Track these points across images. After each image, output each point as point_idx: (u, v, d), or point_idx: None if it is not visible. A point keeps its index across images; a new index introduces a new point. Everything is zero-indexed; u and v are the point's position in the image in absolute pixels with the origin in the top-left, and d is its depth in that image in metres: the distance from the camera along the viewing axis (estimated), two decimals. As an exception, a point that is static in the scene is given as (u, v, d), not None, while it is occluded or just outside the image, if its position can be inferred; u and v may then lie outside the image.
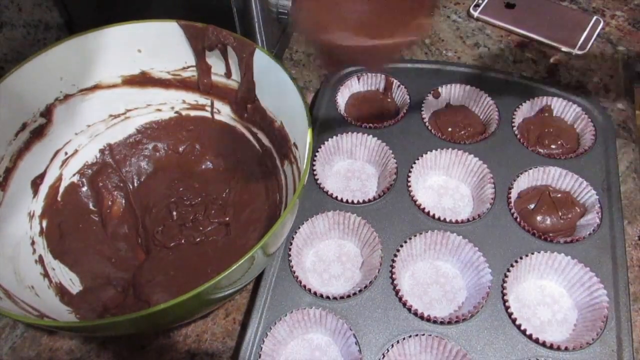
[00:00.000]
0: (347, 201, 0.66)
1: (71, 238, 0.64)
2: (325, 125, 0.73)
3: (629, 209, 0.68)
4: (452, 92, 0.77)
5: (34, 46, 0.78)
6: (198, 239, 0.65)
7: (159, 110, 0.69)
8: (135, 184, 0.70)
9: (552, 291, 0.61)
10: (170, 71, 0.66)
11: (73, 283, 0.62)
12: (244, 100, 0.65)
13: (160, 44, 0.63)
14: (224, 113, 0.68)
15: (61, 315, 0.57)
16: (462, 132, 0.73)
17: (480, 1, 0.91)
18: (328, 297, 0.59)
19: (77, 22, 0.82)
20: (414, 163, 0.68)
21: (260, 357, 0.56)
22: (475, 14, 0.89)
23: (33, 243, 0.61)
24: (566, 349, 0.55)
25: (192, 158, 0.71)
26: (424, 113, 0.74)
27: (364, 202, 0.66)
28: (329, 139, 0.70)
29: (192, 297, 0.44)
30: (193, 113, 0.69)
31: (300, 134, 0.56)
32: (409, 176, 0.68)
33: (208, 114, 0.69)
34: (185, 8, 0.72)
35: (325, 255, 0.65)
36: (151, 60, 0.65)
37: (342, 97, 0.77)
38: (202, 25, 0.61)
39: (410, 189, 0.67)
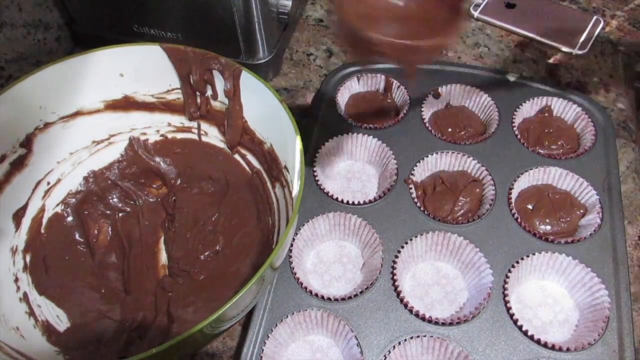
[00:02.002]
0: (347, 202, 0.66)
1: (57, 272, 0.62)
2: (325, 126, 0.73)
3: (629, 209, 0.68)
4: (452, 93, 0.77)
5: (34, 46, 0.78)
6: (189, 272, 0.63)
7: (144, 134, 0.67)
8: (121, 213, 0.68)
9: (553, 292, 0.61)
10: (154, 94, 0.64)
11: (60, 320, 0.59)
12: (232, 138, 0.64)
13: (143, 67, 0.61)
14: (212, 135, 0.67)
15: (49, 357, 0.55)
16: (462, 133, 0.73)
17: (480, 1, 0.90)
18: (329, 299, 0.59)
19: (77, 22, 0.82)
20: (415, 166, 0.68)
21: (261, 359, 0.56)
22: (475, 14, 0.89)
23: (17, 280, 0.59)
24: (568, 349, 0.55)
25: (179, 182, 0.69)
26: (424, 113, 0.74)
27: (364, 203, 0.66)
28: (329, 140, 0.70)
29: (197, 332, 0.42)
30: (179, 136, 0.67)
31: (291, 157, 0.54)
32: (409, 177, 0.68)
33: (195, 136, 0.67)
34: (185, 8, 0.72)
35: (326, 256, 0.65)
36: (134, 84, 0.63)
37: (342, 98, 0.77)
38: (184, 48, 0.59)
39: (410, 190, 0.67)
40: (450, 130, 0.74)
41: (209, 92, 0.62)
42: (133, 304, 0.61)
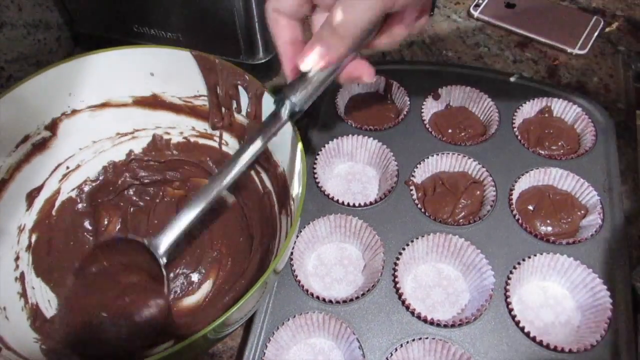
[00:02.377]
0: (348, 204, 0.66)
1: (59, 255, 0.63)
2: (325, 127, 0.73)
3: (630, 209, 0.68)
4: (452, 94, 0.76)
5: (34, 46, 0.77)
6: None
7: (168, 133, 0.68)
8: (134, 207, 0.68)
9: (555, 293, 0.61)
10: (182, 97, 0.64)
11: (50, 305, 0.60)
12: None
13: (174, 70, 0.61)
14: (232, 146, 0.66)
15: (26, 345, 0.55)
16: (463, 134, 0.73)
17: (480, 1, 0.90)
18: (330, 301, 0.59)
19: (77, 22, 0.82)
20: (416, 167, 0.68)
21: (263, 362, 0.56)
22: (476, 14, 0.89)
23: (17, 259, 0.59)
24: (570, 351, 0.55)
25: (194, 188, 0.70)
26: (424, 115, 0.74)
27: (365, 205, 0.66)
28: (329, 142, 0.70)
29: (200, 338, 0.42)
30: (201, 141, 0.67)
31: (297, 194, 0.54)
32: (410, 179, 0.68)
33: (216, 144, 0.67)
34: (185, 8, 0.71)
35: (327, 258, 0.65)
36: (163, 85, 0.63)
37: (342, 99, 0.77)
38: (213, 58, 0.59)
39: (411, 191, 0.67)
40: (450, 131, 0.74)
41: (234, 105, 0.62)
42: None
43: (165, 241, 0.54)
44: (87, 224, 0.66)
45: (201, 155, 0.68)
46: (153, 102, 0.64)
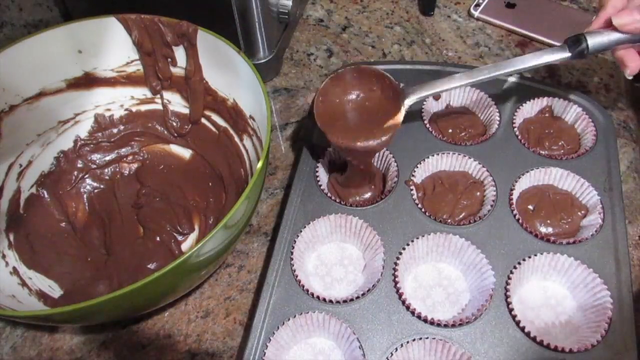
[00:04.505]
0: (349, 204, 0.66)
1: (42, 247, 0.63)
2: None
3: (630, 209, 0.68)
4: (452, 94, 0.76)
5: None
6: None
7: (109, 110, 0.67)
8: (97, 190, 0.69)
9: (555, 293, 0.61)
10: (114, 68, 0.64)
11: (53, 289, 0.61)
12: (196, 112, 0.64)
13: (100, 41, 0.61)
14: (175, 102, 0.66)
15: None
16: (463, 134, 0.73)
17: (480, 1, 0.90)
18: (331, 301, 0.59)
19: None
20: (416, 167, 0.68)
21: (263, 362, 0.55)
22: (476, 14, 0.89)
23: (4, 257, 0.60)
24: (570, 351, 0.55)
25: (146, 156, 0.70)
26: (424, 115, 0.74)
27: (365, 204, 0.66)
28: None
29: (182, 262, 0.44)
30: (144, 108, 0.68)
31: (257, 104, 0.55)
32: (410, 179, 0.68)
33: (159, 106, 0.67)
34: (185, 7, 0.71)
35: (328, 258, 0.64)
36: (93, 60, 0.63)
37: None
38: (135, 16, 0.59)
39: (411, 191, 0.67)
40: (450, 131, 0.74)
41: (169, 61, 0.62)
42: (115, 263, 0.63)
43: (414, 95, 0.62)
44: (57, 215, 0.66)
45: (147, 122, 0.68)
46: (87, 81, 0.64)
